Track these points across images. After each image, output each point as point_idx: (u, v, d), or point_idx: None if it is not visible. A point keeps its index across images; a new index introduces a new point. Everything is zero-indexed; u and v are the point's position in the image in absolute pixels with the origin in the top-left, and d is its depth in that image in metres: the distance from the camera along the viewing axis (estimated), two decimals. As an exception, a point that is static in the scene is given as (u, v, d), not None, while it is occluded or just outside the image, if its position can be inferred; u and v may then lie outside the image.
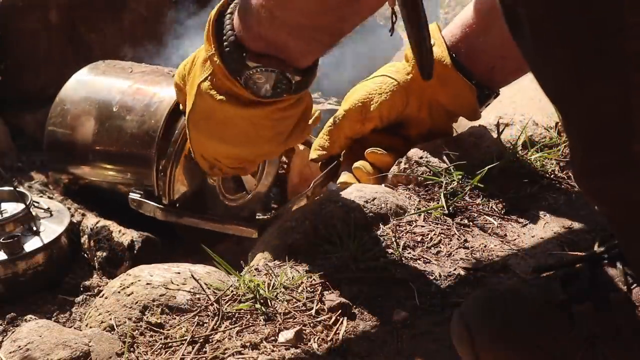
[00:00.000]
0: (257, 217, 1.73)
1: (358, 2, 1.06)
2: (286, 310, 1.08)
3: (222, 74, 1.17)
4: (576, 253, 1.16)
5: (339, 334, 1.04)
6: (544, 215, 1.32)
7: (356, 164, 1.45)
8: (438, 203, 1.33)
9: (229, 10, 1.17)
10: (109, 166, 1.58)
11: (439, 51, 1.43)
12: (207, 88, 1.19)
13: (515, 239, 1.26)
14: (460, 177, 1.40)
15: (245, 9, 1.12)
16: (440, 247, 1.23)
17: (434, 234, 1.26)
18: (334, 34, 1.12)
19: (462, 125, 1.74)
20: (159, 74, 1.64)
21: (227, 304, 1.10)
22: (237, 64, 1.15)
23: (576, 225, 1.27)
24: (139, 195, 1.50)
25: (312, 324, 1.06)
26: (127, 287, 1.13)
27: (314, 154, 1.51)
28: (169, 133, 1.52)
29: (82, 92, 1.65)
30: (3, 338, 1.26)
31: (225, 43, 1.15)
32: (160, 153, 1.50)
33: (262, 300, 1.10)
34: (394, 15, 1.25)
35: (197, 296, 1.12)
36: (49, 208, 1.53)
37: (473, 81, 1.47)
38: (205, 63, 1.20)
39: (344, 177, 1.47)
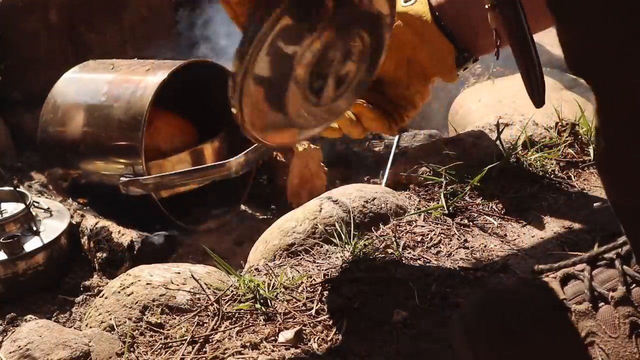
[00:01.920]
0: (257, 216, 1.73)
1: None
2: (286, 310, 1.08)
3: None
4: (576, 253, 1.16)
5: (339, 334, 1.04)
6: (544, 215, 1.32)
7: None
8: (438, 203, 1.33)
9: None
10: (99, 154, 1.61)
11: (421, 7, 1.40)
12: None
13: (515, 239, 1.26)
14: (460, 177, 1.40)
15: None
16: (440, 247, 1.23)
17: (434, 234, 1.26)
18: None
19: (461, 125, 1.74)
20: (144, 64, 1.68)
21: (227, 304, 1.10)
22: None
23: (576, 225, 1.27)
24: (128, 177, 1.52)
25: (312, 324, 1.06)
26: (127, 287, 1.13)
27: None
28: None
29: (72, 88, 1.71)
30: (3, 338, 1.26)
31: None
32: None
33: (262, 300, 1.10)
34: (497, 39, 1.27)
35: (197, 296, 1.12)
36: (49, 208, 1.53)
37: (453, 41, 1.42)
38: None
39: None
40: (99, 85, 1.66)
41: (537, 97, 1.17)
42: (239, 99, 0.94)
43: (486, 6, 1.20)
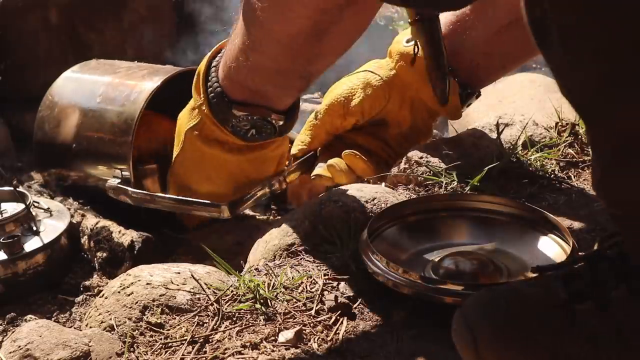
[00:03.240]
0: (257, 216, 1.73)
1: (320, 44, 1.13)
2: (286, 310, 1.08)
3: (211, 122, 1.30)
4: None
5: (339, 334, 1.04)
6: (544, 215, 1.32)
7: (330, 161, 1.46)
8: (438, 203, 1.33)
9: (213, 64, 1.29)
10: (92, 156, 1.61)
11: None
12: (196, 135, 1.33)
13: (515, 239, 1.26)
14: (460, 177, 1.40)
15: (226, 60, 1.24)
16: (440, 247, 1.23)
17: (434, 234, 1.26)
18: (304, 77, 1.23)
19: (461, 125, 1.74)
20: (143, 68, 1.67)
21: (227, 304, 1.10)
22: (224, 113, 1.28)
23: (576, 225, 1.27)
24: (116, 182, 1.52)
25: (312, 324, 1.06)
26: (127, 287, 1.13)
27: (295, 148, 1.51)
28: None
29: (70, 87, 1.71)
30: (3, 338, 1.25)
31: (212, 94, 1.28)
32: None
33: (262, 300, 1.10)
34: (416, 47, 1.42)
35: (197, 296, 1.12)
36: (49, 208, 1.53)
37: (456, 79, 1.47)
38: (194, 111, 1.32)
39: (319, 170, 1.48)
40: (97, 86, 1.65)
41: (442, 95, 1.44)
42: None
43: (409, 21, 1.38)
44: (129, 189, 1.51)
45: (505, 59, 1.51)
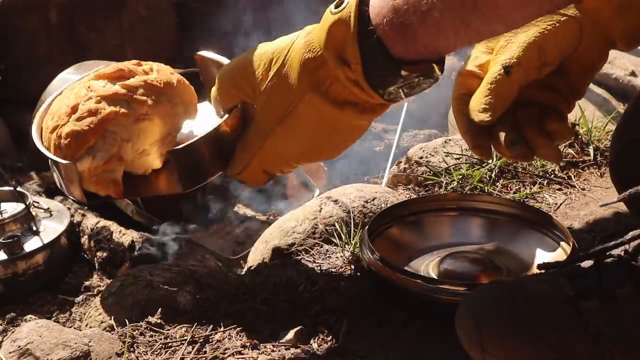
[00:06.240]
0: (257, 216, 1.73)
1: None
2: (286, 310, 1.08)
3: (351, 83, 1.04)
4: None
5: (339, 334, 1.04)
6: (544, 215, 1.32)
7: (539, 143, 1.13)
8: (438, 203, 1.33)
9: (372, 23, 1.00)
10: None
11: None
12: (320, 99, 1.05)
13: (515, 239, 1.26)
14: (460, 177, 1.40)
15: (416, 21, 0.97)
16: (440, 247, 1.23)
17: (434, 234, 1.26)
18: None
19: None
20: None
21: (227, 304, 1.10)
22: (386, 76, 1.02)
23: (576, 225, 1.27)
24: None
25: (312, 324, 1.06)
26: (127, 287, 1.13)
27: (481, 115, 1.13)
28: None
29: None
30: (3, 338, 1.25)
31: (371, 55, 1.00)
32: None
33: (262, 300, 1.10)
34: None
35: (197, 296, 1.12)
36: (49, 208, 1.53)
37: None
38: (311, 68, 1.05)
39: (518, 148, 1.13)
40: None
41: None
42: None
43: None
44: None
45: None
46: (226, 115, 1.10)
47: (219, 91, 1.13)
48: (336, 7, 1.01)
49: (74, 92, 1.16)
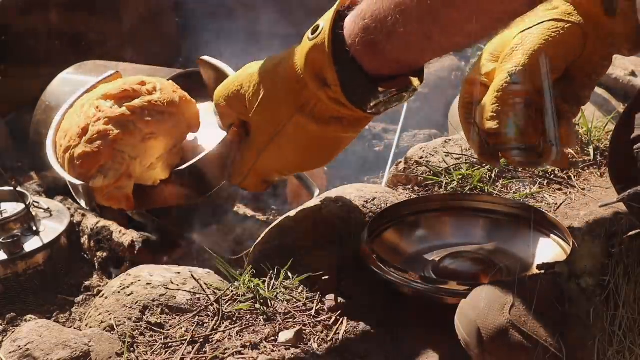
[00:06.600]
0: (257, 216, 1.73)
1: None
2: (286, 310, 1.08)
3: (333, 102, 1.07)
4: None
5: (339, 334, 1.04)
6: (544, 215, 1.32)
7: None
8: (438, 203, 1.33)
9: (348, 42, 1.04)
10: None
11: (565, 8, 1.20)
12: (307, 119, 1.10)
13: (515, 239, 1.26)
14: (460, 177, 1.40)
15: (384, 38, 1.01)
16: (440, 247, 1.23)
17: (434, 234, 1.26)
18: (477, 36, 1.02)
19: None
20: (141, 70, 1.66)
21: (227, 304, 1.10)
22: (364, 94, 1.06)
23: (576, 225, 1.27)
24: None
25: (312, 324, 1.06)
26: (127, 287, 1.13)
27: (488, 123, 1.13)
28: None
29: (65, 89, 1.69)
30: (3, 338, 1.25)
31: (346, 75, 1.05)
32: None
33: (262, 300, 1.10)
34: None
35: (197, 296, 1.12)
36: (49, 208, 1.53)
37: None
38: (295, 95, 1.10)
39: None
40: None
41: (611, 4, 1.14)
42: None
43: None
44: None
45: None
46: (225, 134, 1.19)
47: (217, 110, 1.21)
48: (312, 32, 1.07)
49: (83, 111, 1.24)
